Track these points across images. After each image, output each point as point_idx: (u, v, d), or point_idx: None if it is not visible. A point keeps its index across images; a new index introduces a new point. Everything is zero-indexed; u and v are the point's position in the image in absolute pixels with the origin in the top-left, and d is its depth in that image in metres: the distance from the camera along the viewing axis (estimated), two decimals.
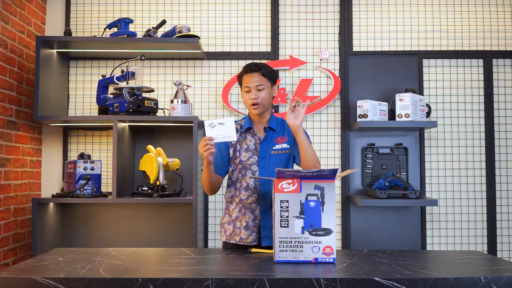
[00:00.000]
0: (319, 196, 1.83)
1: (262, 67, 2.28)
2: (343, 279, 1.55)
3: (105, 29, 3.27)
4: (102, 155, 3.42)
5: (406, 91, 3.18)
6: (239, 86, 2.38)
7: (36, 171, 3.35)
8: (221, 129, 2.05)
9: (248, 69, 2.28)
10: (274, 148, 2.29)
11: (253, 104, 2.25)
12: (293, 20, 3.48)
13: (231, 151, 2.32)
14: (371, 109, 3.10)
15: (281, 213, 1.82)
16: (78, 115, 3.45)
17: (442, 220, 3.38)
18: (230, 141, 2.31)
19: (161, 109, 3.25)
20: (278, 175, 1.83)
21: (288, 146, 2.30)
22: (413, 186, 3.24)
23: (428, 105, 3.28)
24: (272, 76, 2.30)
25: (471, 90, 3.44)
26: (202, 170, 2.29)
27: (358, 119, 3.13)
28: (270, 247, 2.15)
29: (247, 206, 2.26)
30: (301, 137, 2.13)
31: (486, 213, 3.37)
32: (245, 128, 2.33)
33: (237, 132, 2.32)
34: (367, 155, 3.38)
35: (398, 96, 3.10)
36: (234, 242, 2.28)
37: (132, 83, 3.06)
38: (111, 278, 1.56)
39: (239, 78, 2.34)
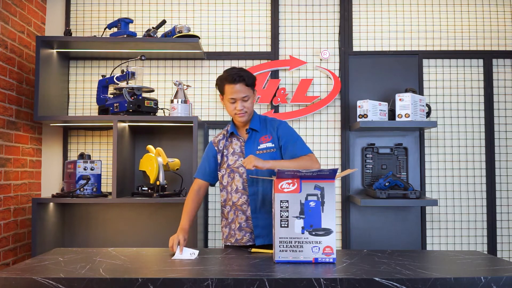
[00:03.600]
0: (319, 196, 1.83)
1: (245, 76, 2.24)
2: (343, 279, 1.55)
3: (105, 29, 3.27)
4: (102, 155, 3.42)
5: (406, 91, 3.18)
6: (220, 94, 2.33)
7: (36, 171, 3.35)
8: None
9: (231, 80, 2.22)
10: (259, 147, 2.29)
11: (239, 114, 2.25)
12: (293, 20, 3.48)
13: (219, 157, 2.35)
14: (371, 109, 3.10)
15: (281, 213, 1.82)
16: (78, 115, 3.45)
17: (442, 220, 3.38)
18: (217, 148, 2.35)
19: (161, 109, 3.25)
20: (278, 175, 1.83)
21: (273, 145, 2.28)
22: (413, 186, 3.24)
23: (428, 105, 3.28)
24: (254, 84, 2.29)
25: (471, 90, 3.44)
26: (195, 178, 2.39)
27: (358, 119, 3.13)
28: (265, 246, 2.16)
29: (239, 207, 2.28)
30: (275, 166, 2.07)
31: (486, 213, 3.37)
32: (229, 132, 2.35)
33: (223, 138, 2.37)
34: (367, 155, 3.38)
35: (398, 96, 3.10)
36: (230, 244, 2.30)
37: (132, 83, 3.06)
38: (111, 278, 1.56)
39: (219, 86, 2.29)
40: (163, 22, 3.26)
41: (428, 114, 3.27)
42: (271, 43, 3.44)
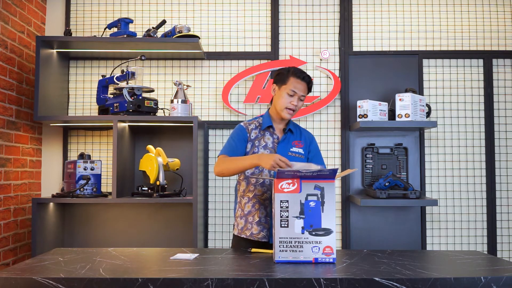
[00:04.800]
0: (319, 196, 1.83)
1: (311, 80, 2.34)
2: (343, 279, 1.55)
3: (105, 29, 3.27)
4: (102, 155, 3.42)
5: (406, 91, 3.18)
6: (276, 85, 2.34)
7: (36, 171, 3.35)
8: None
9: (300, 76, 2.29)
10: (291, 149, 2.33)
11: (290, 109, 2.28)
12: (293, 20, 3.48)
13: (249, 146, 2.33)
14: (371, 109, 3.10)
15: (281, 213, 1.82)
16: (78, 115, 3.45)
17: (442, 220, 3.38)
18: (249, 135, 2.33)
19: (161, 109, 3.25)
20: (278, 175, 1.83)
21: (303, 152, 2.35)
22: (413, 186, 3.24)
23: (428, 105, 3.28)
24: (309, 91, 2.37)
25: (471, 90, 3.44)
26: (221, 154, 2.29)
27: (358, 119, 3.12)
28: None
29: (261, 202, 2.29)
30: None
31: (486, 213, 3.37)
32: (265, 125, 2.35)
33: (256, 128, 2.36)
34: (367, 155, 3.38)
35: (398, 96, 3.10)
36: (245, 237, 2.30)
37: (132, 83, 3.06)
38: (111, 278, 1.56)
39: (284, 75, 2.30)
40: (163, 22, 3.26)
41: (428, 114, 3.27)
42: (271, 43, 3.44)
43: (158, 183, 3.03)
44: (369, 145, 3.38)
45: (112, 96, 3.18)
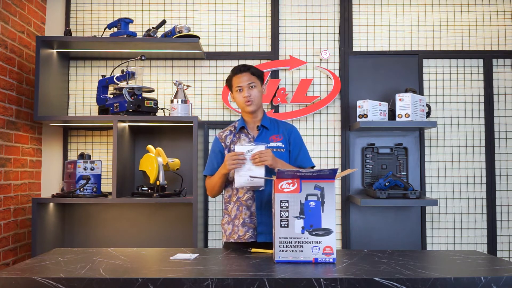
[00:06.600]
0: (319, 196, 1.83)
1: (251, 66, 2.35)
2: (343, 279, 1.55)
3: (105, 29, 3.27)
4: (102, 155, 3.42)
5: (406, 91, 3.18)
6: (229, 91, 2.41)
7: (36, 171, 3.35)
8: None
9: (237, 71, 2.33)
10: (269, 145, 2.30)
11: (247, 101, 2.29)
12: (293, 20, 3.48)
13: (226, 152, 2.36)
14: (371, 109, 3.10)
15: (281, 213, 1.82)
16: (78, 115, 3.45)
17: (442, 220, 3.38)
18: (224, 144, 2.38)
19: (161, 109, 3.25)
20: (278, 175, 1.83)
21: (283, 145, 2.32)
22: (413, 186, 3.24)
23: (428, 105, 3.28)
24: (261, 75, 2.37)
25: (471, 90, 3.44)
26: (205, 175, 2.39)
27: (358, 119, 3.13)
28: (267, 243, 2.16)
29: (243, 203, 2.28)
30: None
31: (486, 213, 3.37)
32: (239, 127, 2.37)
33: (231, 133, 2.39)
34: (367, 155, 3.38)
35: (398, 96, 3.10)
36: (233, 241, 2.29)
37: (132, 83, 3.06)
38: (111, 278, 1.56)
39: (229, 81, 2.38)
40: (163, 22, 3.26)
41: (428, 114, 3.27)
42: (271, 43, 3.44)
43: (158, 183, 3.04)
44: (369, 145, 3.38)
45: (112, 96, 3.18)
